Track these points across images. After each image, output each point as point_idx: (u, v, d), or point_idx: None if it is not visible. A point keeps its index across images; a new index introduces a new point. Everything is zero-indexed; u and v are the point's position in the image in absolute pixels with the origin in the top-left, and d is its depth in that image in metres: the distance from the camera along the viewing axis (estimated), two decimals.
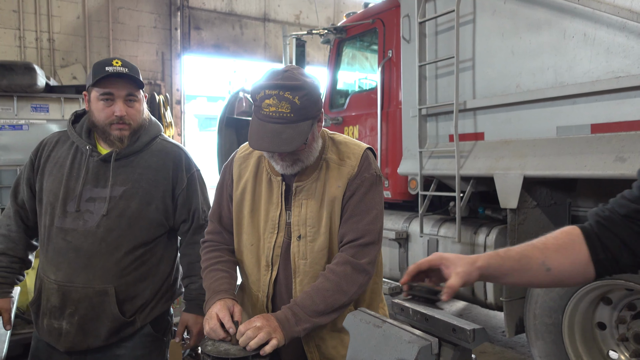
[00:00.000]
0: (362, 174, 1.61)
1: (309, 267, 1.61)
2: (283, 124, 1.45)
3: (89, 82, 1.86)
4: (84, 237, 1.83)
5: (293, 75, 1.48)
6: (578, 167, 2.80)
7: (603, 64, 2.74)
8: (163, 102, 8.43)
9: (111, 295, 1.85)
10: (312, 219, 1.61)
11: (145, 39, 8.76)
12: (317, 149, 1.60)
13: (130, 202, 1.87)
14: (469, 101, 3.45)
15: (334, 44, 5.02)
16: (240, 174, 1.72)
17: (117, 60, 1.85)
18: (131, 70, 1.86)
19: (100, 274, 1.84)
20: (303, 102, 1.46)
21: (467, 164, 3.43)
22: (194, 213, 2.03)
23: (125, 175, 1.89)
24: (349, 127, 4.80)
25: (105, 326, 1.86)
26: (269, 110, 1.45)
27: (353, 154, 1.65)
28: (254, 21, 9.79)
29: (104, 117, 1.85)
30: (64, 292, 1.84)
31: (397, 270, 4.31)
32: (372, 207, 1.61)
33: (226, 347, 1.44)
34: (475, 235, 3.67)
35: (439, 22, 3.66)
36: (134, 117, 1.89)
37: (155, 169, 1.94)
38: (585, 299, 2.95)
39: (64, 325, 1.85)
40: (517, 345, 4.37)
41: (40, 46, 7.85)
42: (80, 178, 1.86)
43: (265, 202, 1.66)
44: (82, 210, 1.84)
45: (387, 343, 1.05)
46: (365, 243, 1.57)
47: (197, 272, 2.00)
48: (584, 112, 2.85)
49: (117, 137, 1.87)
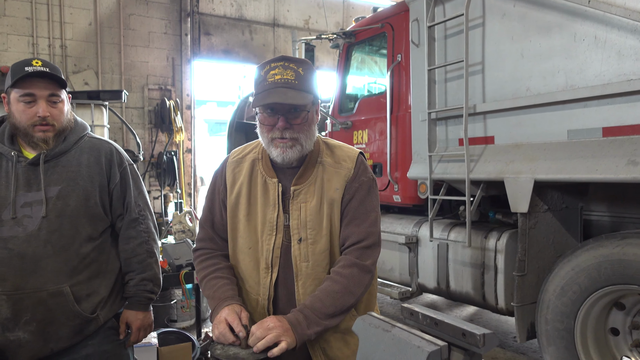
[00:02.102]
0: (360, 177, 1.66)
1: (311, 270, 1.62)
2: (288, 88, 1.52)
3: (8, 83, 1.79)
4: (26, 242, 1.77)
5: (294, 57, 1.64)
6: (589, 171, 2.77)
7: (614, 66, 2.71)
8: (173, 107, 8.48)
9: (67, 295, 1.81)
10: (312, 221, 1.62)
11: (156, 45, 8.84)
12: (313, 136, 1.64)
13: (68, 201, 1.83)
14: (478, 105, 3.44)
15: (343, 49, 5.03)
16: (235, 178, 1.72)
17: (37, 60, 1.80)
18: (53, 70, 1.80)
19: (51, 276, 1.79)
20: (306, 74, 1.56)
21: (477, 167, 3.41)
22: (127, 206, 2.01)
23: (57, 175, 1.85)
24: (358, 132, 4.80)
25: (67, 327, 1.83)
26: (274, 79, 1.53)
27: (349, 157, 1.69)
28: (263, 26, 9.84)
29: (26, 118, 1.78)
30: (15, 301, 1.77)
31: (407, 275, 4.29)
32: (371, 210, 1.65)
33: (235, 351, 1.45)
34: (486, 240, 3.64)
35: (448, 26, 3.65)
36: (58, 118, 1.84)
37: (88, 165, 1.91)
38: (598, 304, 2.92)
39: (21, 336, 1.78)
40: (528, 350, 4.33)
41: (52, 52, 7.95)
42: (10, 185, 1.80)
43: (262, 205, 1.66)
44: (19, 216, 1.78)
45: (397, 347, 1.05)
46: (368, 245, 1.61)
47: (134, 267, 2.03)
48: (595, 116, 2.82)
49: (40, 139, 1.81)
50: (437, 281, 4.03)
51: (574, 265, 2.95)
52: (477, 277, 3.70)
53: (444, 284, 3.97)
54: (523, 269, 3.19)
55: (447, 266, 3.94)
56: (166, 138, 8.72)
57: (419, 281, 4.22)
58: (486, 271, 3.64)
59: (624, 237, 2.76)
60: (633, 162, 2.58)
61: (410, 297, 4.27)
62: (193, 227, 5.42)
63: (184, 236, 5.31)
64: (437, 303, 5.59)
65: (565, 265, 3.00)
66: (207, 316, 4.90)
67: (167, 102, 8.50)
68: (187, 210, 5.70)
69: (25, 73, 1.74)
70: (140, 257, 2.04)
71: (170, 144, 8.69)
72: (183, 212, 5.65)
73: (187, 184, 9.13)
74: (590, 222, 3.57)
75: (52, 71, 1.79)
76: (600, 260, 2.81)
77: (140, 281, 2.04)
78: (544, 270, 3.23)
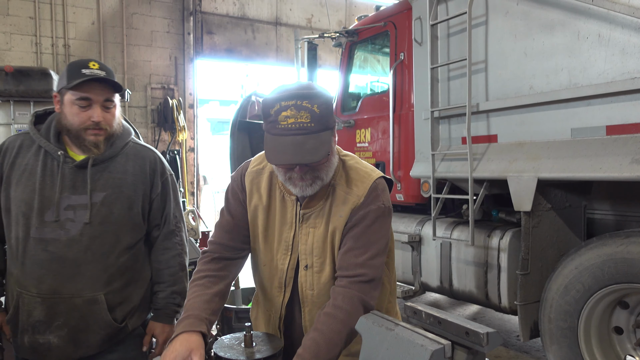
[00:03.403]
0: (368, 206, 1.50)
1: (316, 298, 1.55)
2: (305, 135, 1.36)
3: (63, 83, 1.75)
4: (67, 246, 1.75)
5: (307, 85, 1.43)
6: (593, 169, 2.76)
7: (618, 64, 2.70)
8: (176, 106, 8.50)
9: (101, 303, 1.80)
10: (318, 249, 1.53)
11: (159, 44, 8.85)
12: (334, 165, 1.51)
13: (112, 208, 1.81)
14: (481, 103, 3.43)
15: (346, 47, 5.02)
16: (252, 190, 1.62)
17: (94, 62, 1.76)
18: (109, 74, 1.78)
19: (88, 283, 1.77)
20: (322, 111, 1.38)
21: (480, 166, 3.41)
22: (165, 218, 1.98)
23: (103, 181, 1.82)
24: (361, 130, 4.80)
25: (98, 335, 1.81)
26: (287, 123, 1.36)
27: (362, 183, 1.53)
28: (266, 25, 9.84)
29: (79, 121, 1.75)
30: (50, 305, 1.75)
31: (410, 273, 4.29)
32: (374, 242, 1.49)
33: (239, 350, 1.45)
34: (489, 239, 3.64)
35: (451, 24, 3.65)
36: (110, 122, 1.81)
37: (134, 173, 1.88)
38: (601, 302, 2.91)
39: (51, 340, 1.77)
40: (531, 349, 4.32)
41: (56, 52, 7.97)
42: (55, 186, 1.76)
43: (279, 222, 1.58)
44: (62, 219, 1.75)
45: (400, 346, 1.05)
46: (368, 280, 1.45)
47: (165, 279, 1.98)
48: (598, 114, 2.82)
49: (92, 142, 1.78)
50: (440, 280, 4.03)
51: (577, 264, 2.94)
52: (480, 276, 3.69)
53: (447, 283, 3.97)
54: (526, 267, 3.18)
55: (450, 265, 3.94)
56: (169, 137, 8.73)
57: (422, 280, 4.22)
58: (489, 270, 3.63)
59: (628, 236, 2.75)
60: (637, 161, 2.57)
61: (414, 295, 4.27)
62: (196, 225, 5.43)
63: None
64: (440, 302, 5.59)
65: (569, 264, 2.99)
66: None
67: (170, 101, 8.52)
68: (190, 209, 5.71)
69: (83, 77, 1.70)
70: (173, 270, 2.00)
71: (173, 143, 8.70)
72: (186, 211, 5.66)
73: (189, 182, 9.14)
74: (594, 221, 3.56)
75: (108, 75, 1.76)
76: (604, 258, 2.80)
77: (170, 294, 1.99)
78: (548, 269, 3.23)
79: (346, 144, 4.95)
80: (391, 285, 1.72)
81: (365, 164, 1.63)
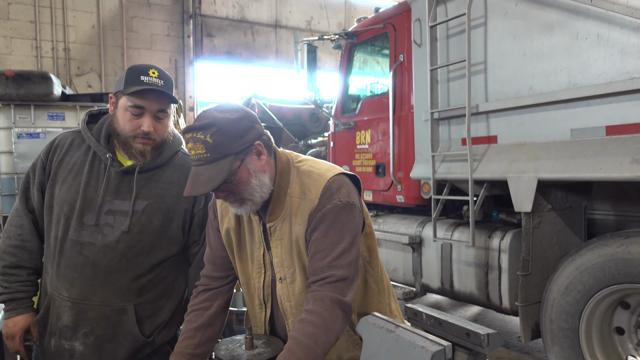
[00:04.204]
0: (325, 206, 1.47)
1: (295, 309, 1.56)
2: (201, 165, 1.41)
3: (120, 87, 1.70)
4: (102, 252, 1.71)
5: (206, 114, 1.44)
6: (593, 170, 2.76)
7: (617, 65, 2.71)
8: (176, 109, 8.51)
9: (130, 314, 1.75)
10: (287, 260, 1.54)
11: (159, 47, 8.87)
12: (261, 185, 1.49)
13: (152, 218, 1.77)
14: (481, 104, 3.43)
15: (345, 49, 5.03)
16: (222, 213, 1.66)
17: (154, 70, 1.70)
18: (167, 83, 1.72)
19: (119, 292, 1.73)
20: (217, 139, 1.38)
21: (480, 167, 3.41)
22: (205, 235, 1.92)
23: (148, 190, 1.78)
24: (361, 132, 4.80)
25: (124, 347, 1.77)
26: (190, 154, 1.42)
27: (314, 186, 1.51)
28: (265, 28, 9.86)
29: (130, 129, 1.71)
30: (79, 311, 1.72)
31: (411, 275, 4.29)
32: (338, 241, 1.45)
33: (240, 352, 1.45)
34: (490, 240, 3.64)
35: (450, 25, 3.65)
36: (160, 133, 1.77)
37: (178, 185, 1.82)
38: (602, 303, 2.91)
39: (76, 346, 1.73)
40: (533, 350, 4.31)
41: (56, 55, 7.99)
42: (99, 189, 1.74)
43: (249, 242, 1.61)
44: (101, 223, 1.72)
45: (401, 347, 1.05)
46: (337, 279, 1.42)
47: None
48: (598, 114, 2.82)
49: (139, 151, 1.74)
50: (441, 281, 4.03)
51: (578, 265, 2.94)
52: (481, 277, 3.69)
53: (448, 284, 3.97)
54: (527, 268, 3.18)
55: (451, 266, 3.94)
56: None
57: (423, 281, 4.21)
58: (490, 271, 3.63)
59: (629, 236, 2.75)
60: (637, 161, 2.57)
61: (414, 297, 4.26)
62: None
63: None
64: (441, 303, 5.59)
65: (570, 264, 2.99)
66: None
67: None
68: None
69: (141, 86, 1.66)
70: None
71: None
72: None
73: None
74: (594, 221, 3.56)
75: (166, 85, 1.71)
76: (604, 259, 2.80)
77: None
78: (548, 269, 3.23)
79: (346, 145, 4.95)
80: (378, 285, 1.68)
81: (321, 165, 1.59)
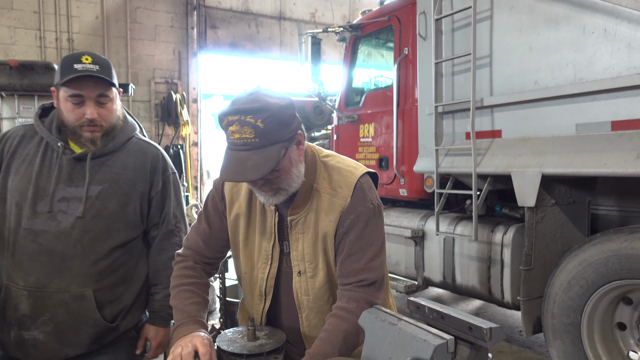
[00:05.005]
0: (357, 207, 1.49)
1: (312, 303, 1.56)
2: (248, 151, 1.34)
3: (57, 79, 1.69)
4: (57, 238, 1.70)
5: (256, 97, 1.37)
6: (598, 165, 2.75)
7: (624, 59, 2.68)
8: (180, 100, 8.50)
9: (90, 300, 1.74)
10: (309, 254, 1.53)
11: (162, 38, 8.85)
12: (299, 175, 1.48)
13: (107, 203, 1.76)
14: (486, 98, 3.41)
15: (350, 42, 5.01)
16: (232, 198, 1.60)
17: (87, 56, 1.68)
18: (102, 67, 1.70)
19: (76, 278, 1.72)
20: (267, 125, 1.33)
21: (484, 161, 3.40)
22: (165, 217, 1.93)
23: (101, 175, 1.77)
24: (365, 125, 4.79)
25: (86, 333, 1.76)
26: (234, 138, 1.35)
27: (345, 183, 1.51)
28: (269, 20, 9.82)
29: (74, 118, 1.71)
30: (36, 299, 1.70)
31: (413, 268, 4.29)
32: (371, 244, 1.50)
33: (242, 343, 1.45)
34: (492, 234, 3.63)
35: (456, 18, 3.63)
36: (106, 118, 1.75)
37: (133, 169, 1.83)
38: (604, 298, 2.90)
39: (36, 336, 1.71)
40: (534, 345, 4.32)
41: (60, 46, 7.98)
42: (52, 177, 1.72)
43: (259, 233, 1.58)
44: (55, 210, 1.70)
45: (403, 341, 1.05)
46: (372, 282, 1.47)
47: (162, 281, 1.93)
48: (604, 109, 2.80)
49: (88, 139, 1.73)
50: (443, 275, 4.03)
51: (581, 260, 2.93)
52: (484, 271, 3.69)
53: (450, 278, 3.97)
54: (530, 263, 3.18)
55: (453, 260, 3.94)
56: (173, 131, 8.74)
57: (425, 275, 4.22)
58: (492, 265, 3.63)
59: (632, 232, 2.74)
60: None
61: (416, 290, 4.27)
62: None
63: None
64: (442, 297, 5.59)
65: (573, 259, 2.99)
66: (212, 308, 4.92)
67: (174, 96, 8.52)
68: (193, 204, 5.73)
69: (74, 74, 1.64)
70: (170, 272, 1.92)
71: (176, 137, 8.71)
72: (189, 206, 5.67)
73: (193, 177, 9.16)
74: (598, 217, 3.55)
75: (101, 70, 1.68)
76: (607, 254, 2.80)
77: (166, 297, 1.89)
78: (551, 264, 3.22)
79: (349, 139, 4.94)
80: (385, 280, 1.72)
81: (348, 162, 1.60)
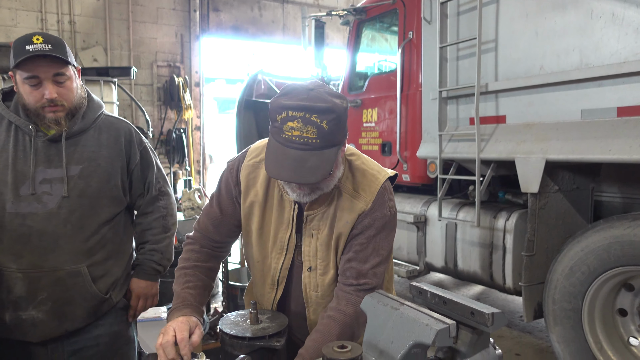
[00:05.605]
0: (374, 213, 1.47)
1: (321, 299, 1.56)
2: (307, 151, 1.28)
3: (12, 63, 1.65)
4: (46, 219, 1.72)
5: (321, 95, 1.30)
6: (602, 152, 2.73)
7: (632, 44, 2.65)
8: (182, 84, 8.46)
9: (85, 275, 1.79)
10: (322, 252, 1.51)
11: (165, 21, 8.77)
12: (338, 177, 1.46)
13: (90, 181, 1.79)
14: (490, 83, 3.38)
15: (354, 26, 4.95)
16: (249, 184, 1.56)
17: (38, 36, 1.64)
18: (55, 46, 1.66)
19: (70, 256, 1.77)
20: (331, 127, 1.28)
21: (487, 147, 3.38)
22: (148, 186, 1.99)
23: (78, 155, 1.79)
24: (368, 110, 4.77)
25: (83, 307, 1.82)
26: (292, 134, 1.27)
27: (369, 188, 1.49)
28: (272, 3, 9.71)
29: (34, 100, 1.69)
30: (31, 280, 1.73)
31: (415, 254, 4.30)
32: (379, 250, 1.49)
33: (245, 326, 1.46)
34: (495, 220, 3.63)
35: (461, 2, 3.58)
36: (67, 97, 1.73)
37: (108, 146, 1.85)
38: (606, 285, 2.91)
39: (35, 315, 1.75)
40: (535, 330, 4.35)
41: (61, 28, 7.92)
42: (28, 160, 1.72)
43: (275, 222, 1.54)
44: (39, 192, 1.72)
45: (405, 325, 1.05)
46: (369, 288, 1.44)
47: (147, 239, 2.01)
48: (610, 95, 2.77)
49: (52, 120, 1.72)
50: (445, 260, 4.04)
51: (583, 246, 2.93)
52: (485, 257, 3.70)
53: (452, 263, 3.98)
54: (532, 249, 3.18)
55: (455, 245, 3.94)
56: (175, 115, 8.71)
57: (427, 260, 4.23)
58: (494, 251, 3.63)
59: (635, 219, 2.74)
60: None
61: (418, 275, 4.29)
62: (202, 204, 5.46)
63: (193, 213, 5.34)
64: (444, 282, 5.62)
65: (575, 246, 2.99)
66: (215, 292, 4.96)
67: (176, 79, 8.47)
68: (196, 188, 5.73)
69: (26, 54, 1.61)
70: (155, 231, 2.04)
71: (179, 121, 8.68)
72: (192, 190, 5.68)
73: (196, 161, 9.15)
74: (601, 203, 3.54)
75: (55, 48, 1.65)
76: (610, 241, 2.80)
77: (148, 251, 2.03)
78: (553, 250, 3.23)
79: (353, 123, 4.92)
80: (389, 273, 1.71)
81: (372, 164, 1.58)
